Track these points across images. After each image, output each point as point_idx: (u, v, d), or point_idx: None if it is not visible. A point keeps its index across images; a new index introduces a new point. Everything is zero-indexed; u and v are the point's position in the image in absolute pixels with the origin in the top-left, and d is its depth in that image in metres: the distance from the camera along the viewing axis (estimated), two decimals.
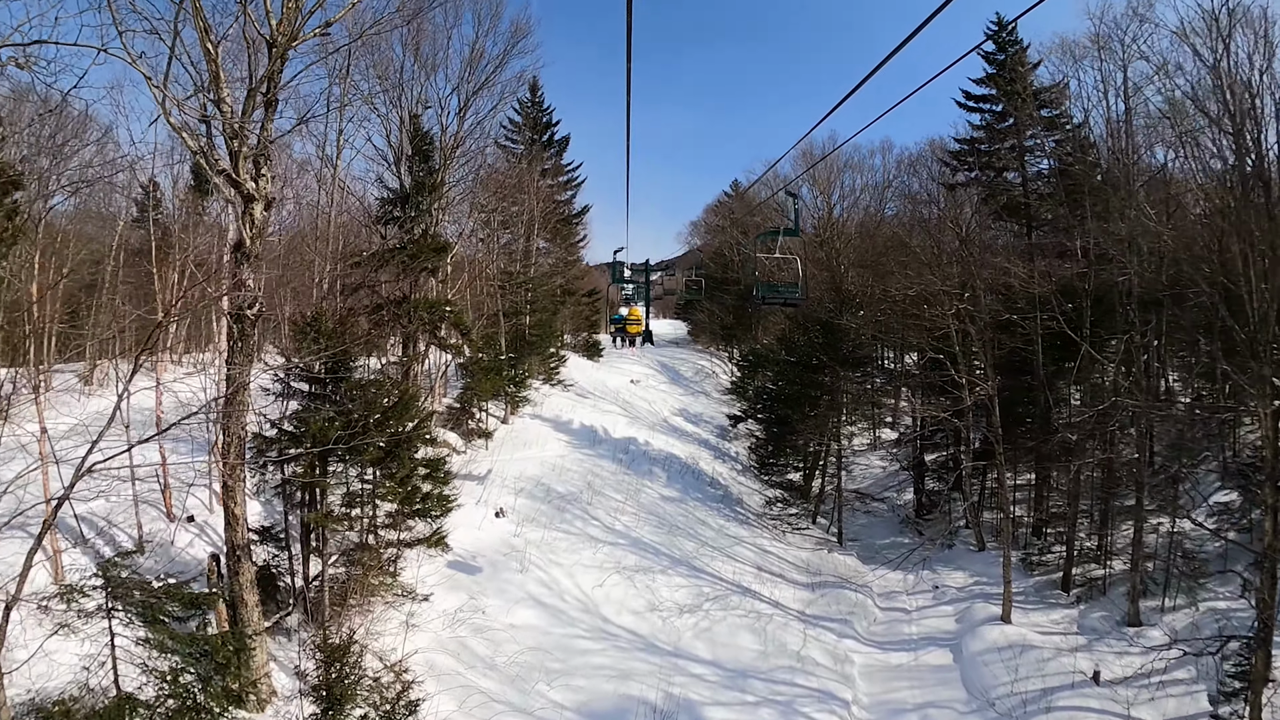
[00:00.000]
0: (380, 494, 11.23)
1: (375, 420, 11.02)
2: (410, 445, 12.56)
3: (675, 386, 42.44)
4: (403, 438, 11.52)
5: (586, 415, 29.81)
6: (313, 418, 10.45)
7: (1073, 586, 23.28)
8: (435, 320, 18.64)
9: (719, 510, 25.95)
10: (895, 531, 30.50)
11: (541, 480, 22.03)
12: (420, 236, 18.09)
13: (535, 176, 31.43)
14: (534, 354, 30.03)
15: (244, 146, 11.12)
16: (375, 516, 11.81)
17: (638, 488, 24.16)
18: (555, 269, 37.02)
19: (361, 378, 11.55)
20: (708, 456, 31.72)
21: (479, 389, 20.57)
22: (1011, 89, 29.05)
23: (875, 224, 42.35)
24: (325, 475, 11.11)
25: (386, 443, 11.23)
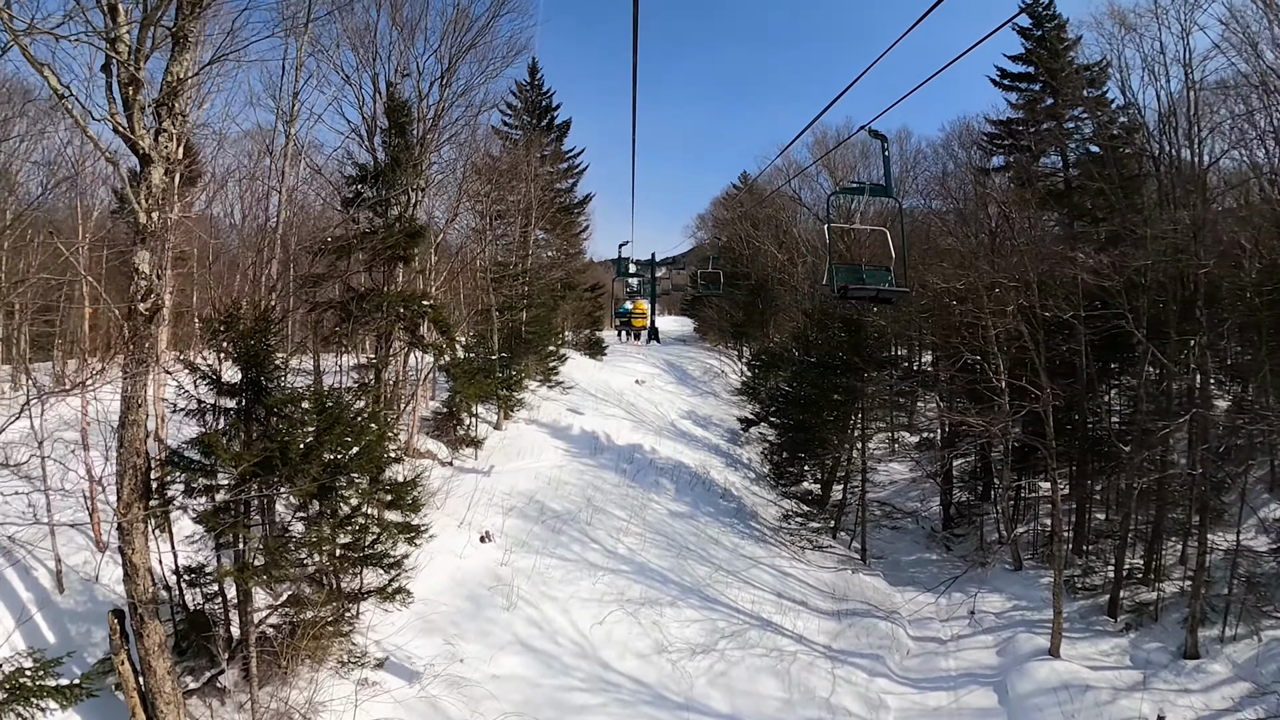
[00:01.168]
0: (309, 541, 8.85)
1: (302, 448, 8.64)
2: (358, 471, 10.14)
3: (683, 387, 39.97)
4: (342, 466, 9.11)
5: (587, 420, 27.41)
6: (218, 442, 8.11)
7: (1120, 612, 20.87)
8: (413, 316, 16.23)
9: (732, 526, 23.52)
10: (922, 546, 28.11)
11: (535, 496, 19.62)
12: (393, 220, 15.69)
13: (533, 161, 28.97)
14: (531, 353, 27.64)
15: (140, 94, 8.70)
16: (316, 563, 9.40)
17: (643, 503, 21.73)
18: (555, 262, 34.61)
19: (295, 390, 9.15)
20: (719, 464, 29.29)
21: (463, 394, 18.13)
22: (1053, 65, 26.53)
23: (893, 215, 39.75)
24: (246, 515, 8.75)
25: (321, 473, 8.84)
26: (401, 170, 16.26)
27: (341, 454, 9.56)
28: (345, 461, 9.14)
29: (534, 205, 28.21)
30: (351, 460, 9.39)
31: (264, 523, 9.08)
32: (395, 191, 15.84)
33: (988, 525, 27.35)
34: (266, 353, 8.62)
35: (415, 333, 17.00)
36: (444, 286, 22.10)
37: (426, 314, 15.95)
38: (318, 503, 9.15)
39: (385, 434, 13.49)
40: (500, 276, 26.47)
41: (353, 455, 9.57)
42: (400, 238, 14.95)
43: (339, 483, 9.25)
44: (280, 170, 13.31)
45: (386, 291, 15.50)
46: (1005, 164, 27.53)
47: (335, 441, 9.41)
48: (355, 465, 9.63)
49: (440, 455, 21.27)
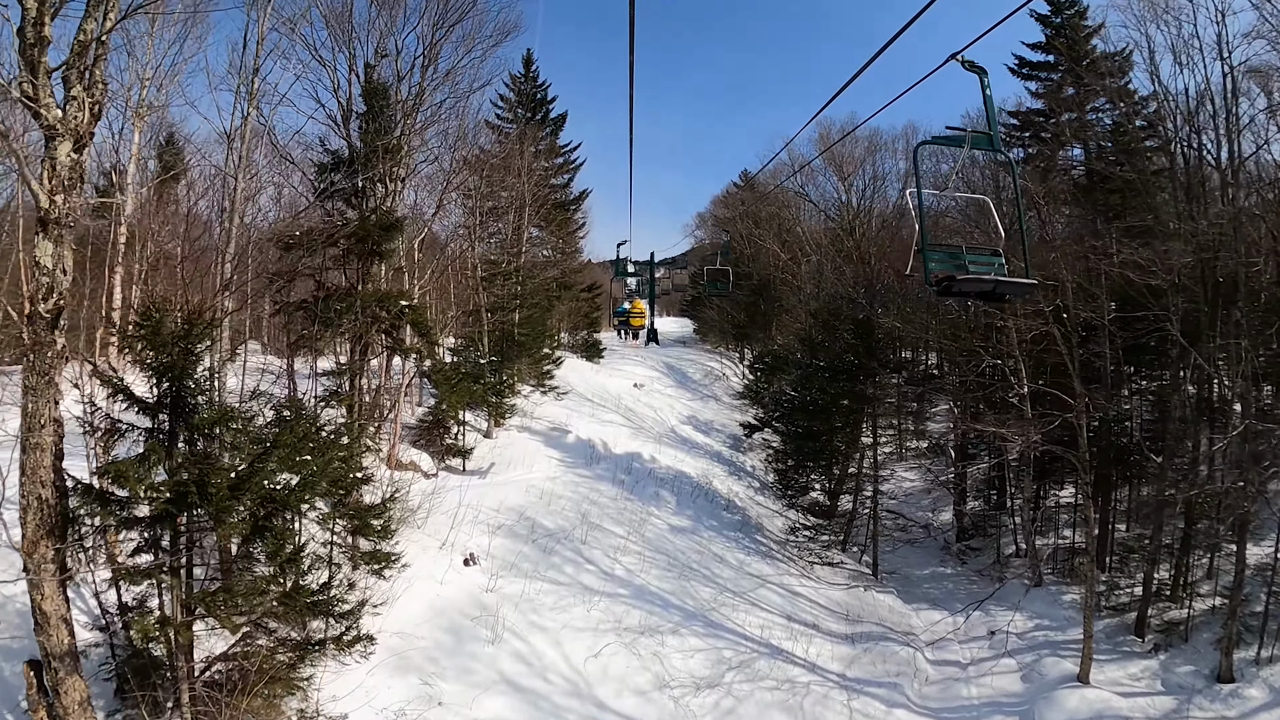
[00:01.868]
0: (240, 592, 7.37)
1: (234, 476, 7.18)
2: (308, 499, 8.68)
3: (683, 390, 38.54)
4: (281, 499, 7.62)
5: (583, 426, 25.96)
6: (130, 472, 6.68)
7: (1148, 631, 19.58)
8: (391, 318, 14.80)
9: (737, 541, 22.08)
10: (935, 559, 26.73)
11: (526, 513, 18.16)
12: (367, 212, 14.26)
13: (526, 154, 27.52)
14: (524, 356, 26.19)
15: (46, 55, 7.28)
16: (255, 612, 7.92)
17: (642, 518, 20.29)
18: (550, 260, 33.18)
19: (227, 408, 7.66)
20: (721, 473, 27.84)
21: (447, 402, 16.66)
22: (1074, 53, 25.16)
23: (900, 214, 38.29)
24: (177, 554, 7.26)
25: (259, 506, 7.36)
26: (377, 158, 14.82)
27: (284, 483, 8.08)
28: (284, 495, 7.66)
29: (527, 200, 26.78)
30: (294, 492, 7.91)
31: (188, 566, 7.60)
32: (371, 175, 14.41)
33: (1004, 537, 26.02)
34: (192, 362, 7.18)
35: (394, 336, 15.54)
36: (429, 286, 20.68)
37: (405, 315, 14.49)
38: (258, 540, 7.71)
39: (353, 451, 12.03)
40: (491, 275, 25.03)
41: (295, 486, 8.07)
42: (374, 231, 13.50)
43: (281, 519, 7.76)
44: (237, 155, 11.88)
45: (360, 291, 14.03)
46: (1026, 157, 26.06)
47: (281, 466, 7.96)
48: (301, 495, 8.17)
49: (424, 467, 19.82)
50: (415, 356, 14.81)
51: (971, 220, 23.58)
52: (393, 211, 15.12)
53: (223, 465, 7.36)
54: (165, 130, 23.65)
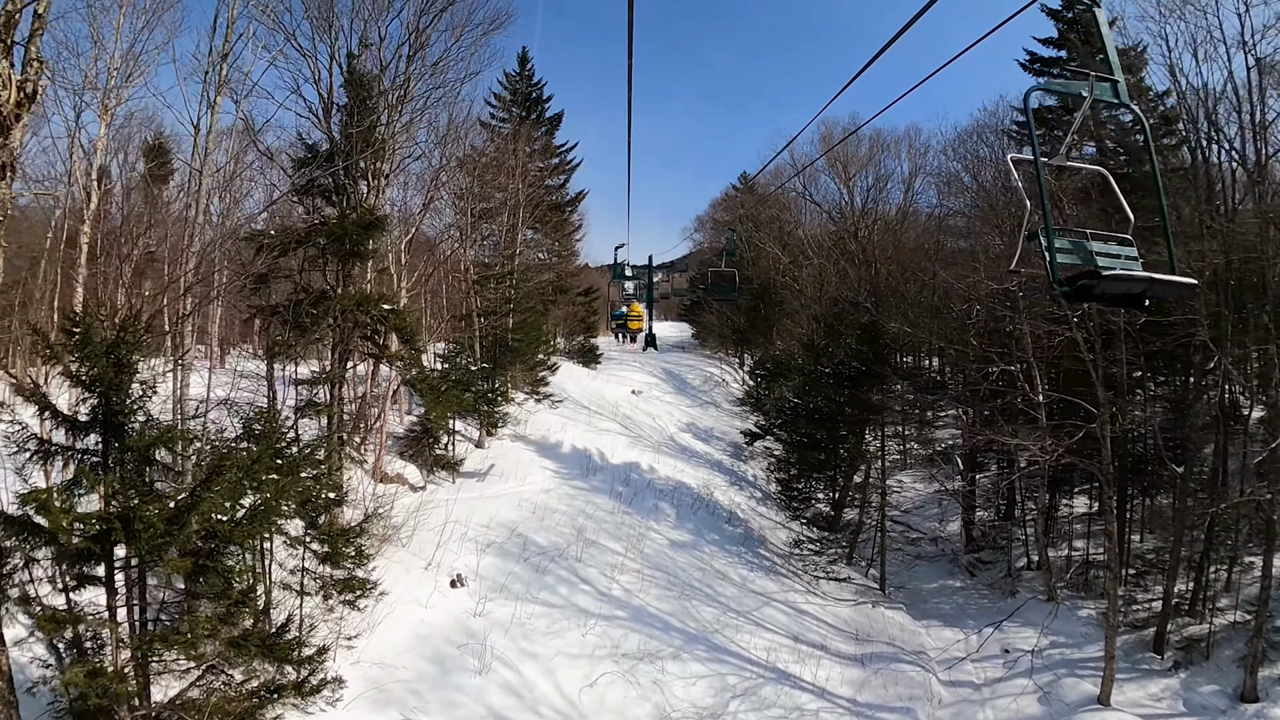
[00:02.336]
0: (178, 639, 6.38)
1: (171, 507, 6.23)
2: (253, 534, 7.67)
3: (682, 397, 37.57)
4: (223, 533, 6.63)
5: (579, 435, 24.99)
6: (54, 500, 5.72)
7: (1167, 648, 18.69)
8: (373, 323, 13.84)
9: (740, 556, 21.09)
10: (943, 572, 25.73)
11: (518, 529, 17.17)
12: (346, 210, 13.32)
13: (521, 153, 26.61)
14: (517, 362, 25.23)
15: None
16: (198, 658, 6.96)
17: (641, 533, 19.30)
18: (546, 264, 32.25)
19: (168, 428, 6.66)
20: (722, 483, 26.86)
21: (433, 413, 15.68)
22: (1089, 47, 24.21)
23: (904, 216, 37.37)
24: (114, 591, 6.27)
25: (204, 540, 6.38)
26: (358, 152, 13.89)
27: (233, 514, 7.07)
28: (228, 530, 6.66)
29: (522, 201, 25.85)
30: (240, 526, 6.91)
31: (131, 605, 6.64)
32: (351, 169, 13.47)
33: (1015, 549, 25.08)
34: (125, 375, 6.21)
35: (376, 342, 14.57)
36: (417, 289, 19.74)
37: (388, 320, 13.53)
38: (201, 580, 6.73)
39: (331, 467, 11.07)
40: (484, 278, 24.09)
41: (243, 519, 7.06)
42: (352, 229, 12.55)
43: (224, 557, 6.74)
44: (203, 148, 10.96)
45: (339, 294, 13.07)
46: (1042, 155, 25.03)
47: (233, 493, 6.97)
48: (253, 528, 7.17)
49: (412, 480, 18.85)
50: (397, 364, 13.83)
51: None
52: (375, 209, 14.16)
53: (164, 493, 6.40)
54: (153, 130, 22.83)
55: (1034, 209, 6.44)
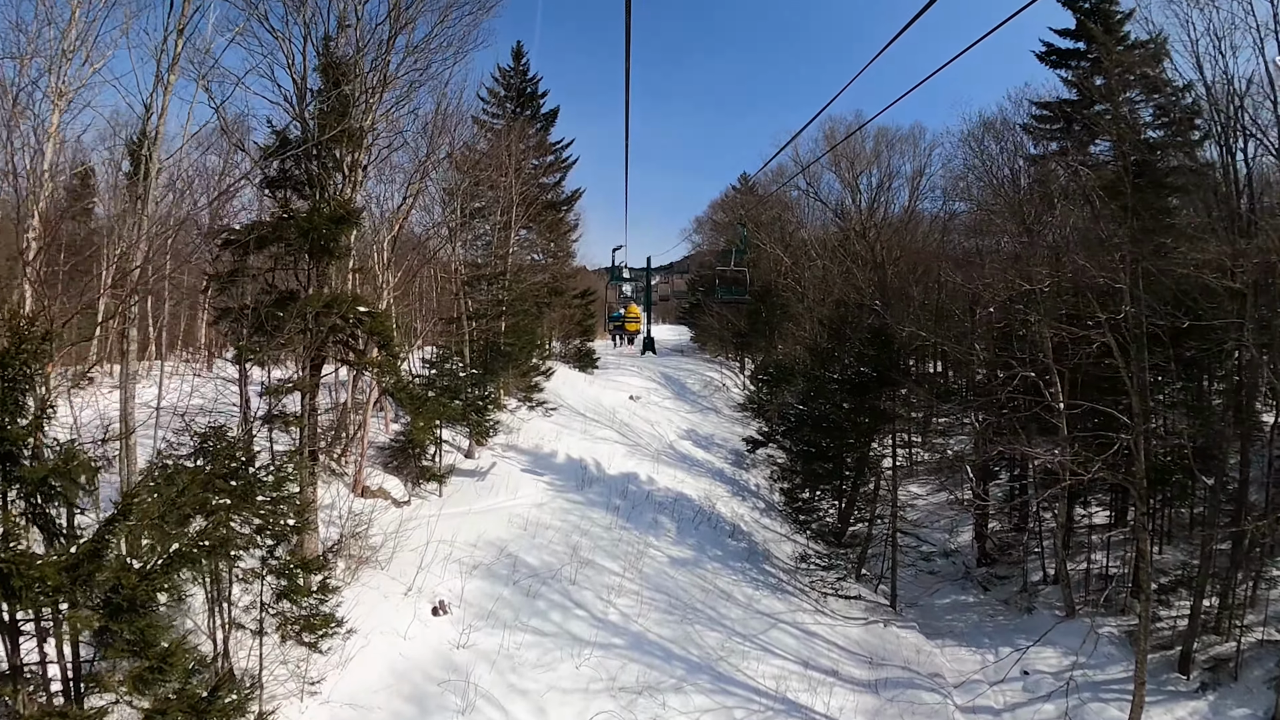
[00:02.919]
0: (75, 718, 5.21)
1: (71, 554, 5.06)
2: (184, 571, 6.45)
3: (681, 402, 36.38)
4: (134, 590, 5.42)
5: (575, 444, 23.80)
6: None
7: (1193, 667, 17.66)
8: (349, 326, 12.66)
9: (745, 573, 19.90)
10: (955, 586, 24.56)
11: (507, 548, 15.96)
12: (321, 203, 12.14)
13: (514, 149, 25.45)
14: (510, 367, 24.03)
15: None
16: None
17: (640, 550, 18.10)
18: (540, 265, 31.08)
19: (75, 454, 5.46)
20: (724, 493, 25.67)
21: (416, 427, 14.44)
22: (1107, 36, 23.20)
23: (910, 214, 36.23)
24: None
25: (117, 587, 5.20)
26: (335, 142, 12.72)
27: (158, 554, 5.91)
28: (134, 584, 5.47)
29: (515, 197, 24.68)
30: (145, 579, 5.68)
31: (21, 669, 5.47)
32: (323, 153, 12.29)
33: (1030, 562, 23.96)
34: (22, 391, 5.07)
35: (353, 347, 13.38)
36: (403, 290, 18.56)
37: (363, 323, 12.35)
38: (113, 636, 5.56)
39: (302, 483, 9.89)
40: (475, 279, 22.90)
41: (163, 565, 5.87)
42: (321, 223, 11.37)
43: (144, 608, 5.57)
44: (153, 131, 9.81)
45: (309, 295, 11.88)
46: (1061, 150, 23.94)
47: (150, 530, 5.81)
48: (170, 571, 5.95)
49: (395, 494, 17.65)
50: (375, 371, 12.63)
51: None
52: (351, 203, 12.97)
53: (77, 534, 5.24)
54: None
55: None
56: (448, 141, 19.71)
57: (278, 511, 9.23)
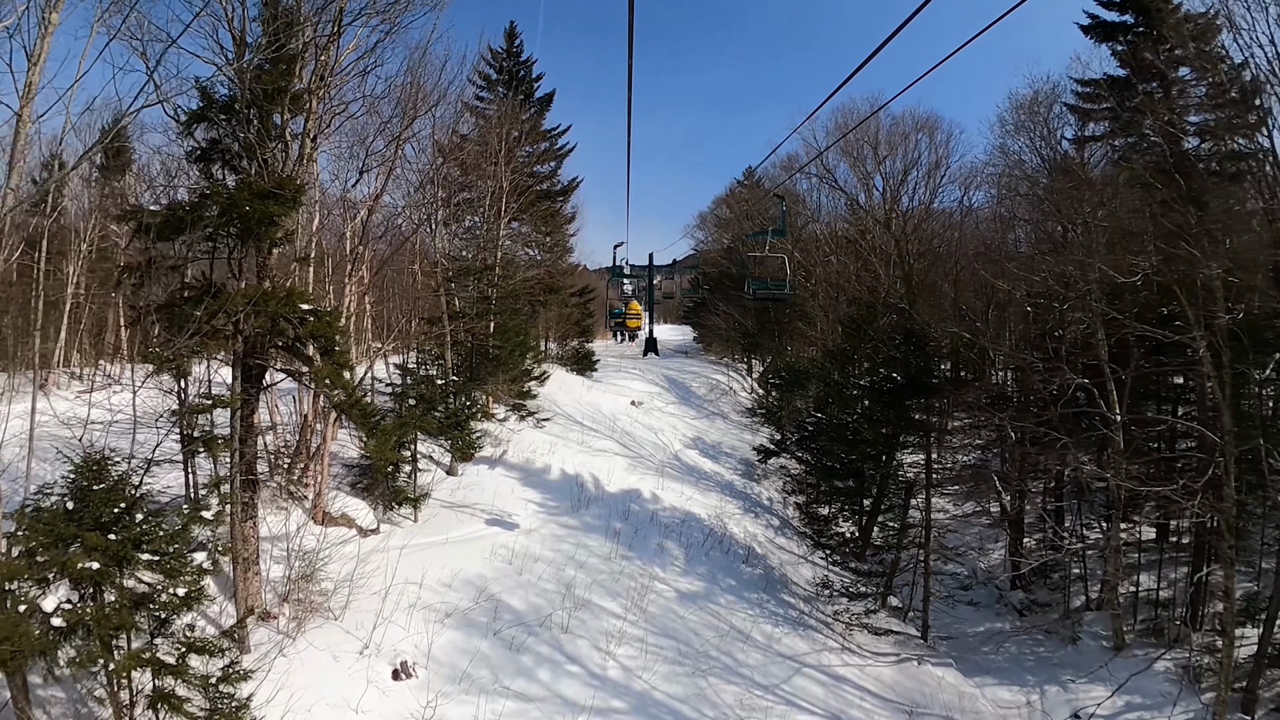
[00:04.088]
0: None
1: None
2: None
3: (686, 408, 34.01)
4: None
5: (571, 458, 21.44)
6: None
7: (1258, 706, 15.51)
8: (294, 328, 10.32)
9: (762, 606, 17.55)
10: (988, 611, 22.24)
11: (489, 588, 13.59)
12: (249, 177, 9.83)
13: (505, 132, 23.11)
14: (500, 372, 21.67)
15: None
16: None
17: (644, 584, 15.74)
18: (534, 260, 28.71)
19: None
20: (735, 510, 23.31)
21: (374, 454, 11.93)
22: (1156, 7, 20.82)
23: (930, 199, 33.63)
24: None
25: None
26: (269, 101, 10.37)
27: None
28: None
29: (505, 185, 22.35)
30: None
31: None
32: (267, 137, 9.97)
33: (1071, 585, 21.69)
34: None
35: (299, 353, 11.03)
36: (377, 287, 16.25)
37: (305, 323, 10.02)
38: None
39: (179, 557, 7.56)
40: (462, 273, 20.53)
41: None
42: (245, 199, 9.05)
43: None
44: (25, 84, 7.55)
45: (233, 290, 9.55)
46: (1108, 132, 21.51)
47: None
48: None
49: (362, 521, 15.31)
50: (319, 382, 10.27)
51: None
52: (296, 178, 10.62)
53: None
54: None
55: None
56: (429, 116, 17.36)
57: (176, 569, 6.94)
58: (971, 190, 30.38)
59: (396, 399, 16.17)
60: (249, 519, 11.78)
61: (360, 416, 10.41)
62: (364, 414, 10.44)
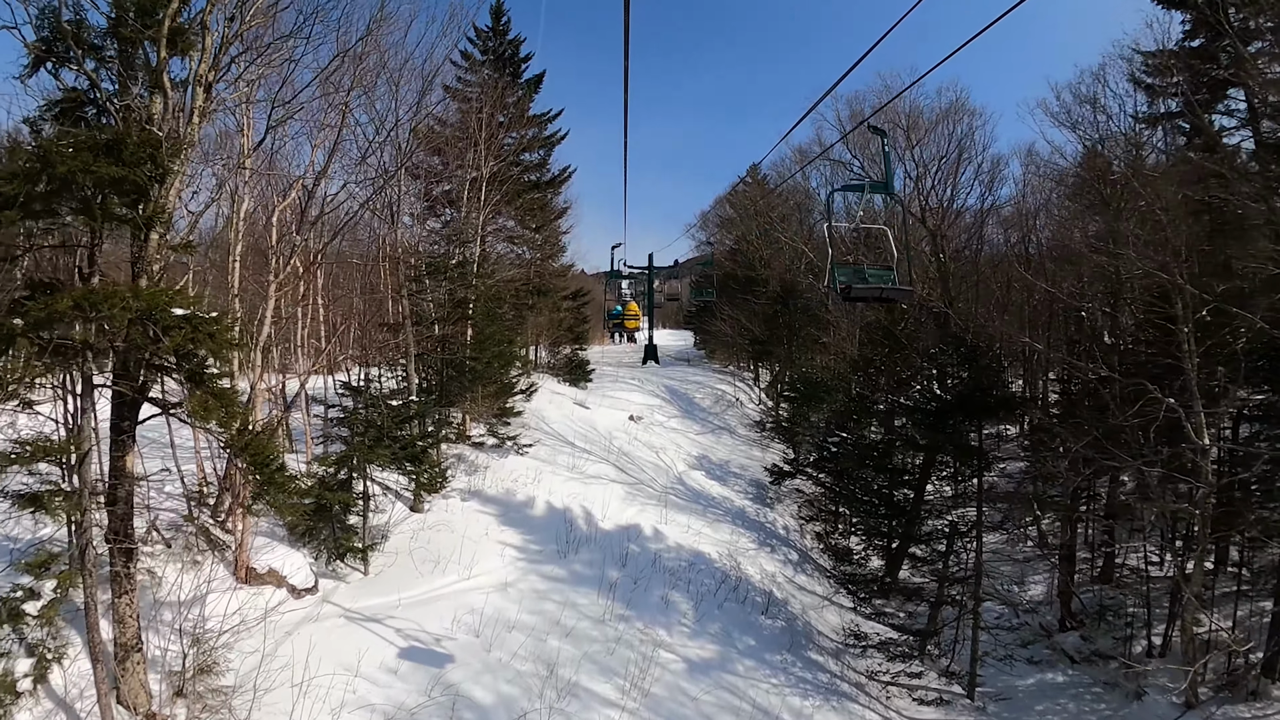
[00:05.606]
0: None
1: None
2: None
3: (690, 421, 30.99)
4: None
5: (559, 488, 18.40)
6: None
7: None
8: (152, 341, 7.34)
9: (787, 670, 14.54)
10: (1038, 658, 19.27)
11: (446, 675, 10.52)
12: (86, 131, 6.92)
13: (485, 110, 20.16)
14: (478, 385, 18.70)
15: None
16: None
17: (646, 654, 12.69)
18: (521, 260, 25.73)
19: None
20: (749, 544, 20.29)
21: (272, 505, 8.71)
22: None
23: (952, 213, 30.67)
24: None
25: None
26: (135, 33, 7.41)
27: None
28: None
29: (485, 171, 19.39)
30: None
31: None
32: (118, 45, 7.04)
33: (1133, 624, 18.83)
34: None
35: (186, 371, 8.01)
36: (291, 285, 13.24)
37: (175, 332, 7.08)
38: None
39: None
40: (431, 270, 17.55)
41: None
42: (81, 164, 6.15)
43: None
44: None
45: (83, 286, 6.60)
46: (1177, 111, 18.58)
47: None
48: None
49: (295, 578, 12.28)
50: (193, 415, 7.28)
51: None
52: (153, 132, 7.65)
53: None
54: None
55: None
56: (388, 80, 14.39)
57: None
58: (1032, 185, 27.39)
59: (342, 422, 13.17)
60: (124, 594, 8.82)
61: (253, 462, 7.45)
62: (257, 459, 7.47)
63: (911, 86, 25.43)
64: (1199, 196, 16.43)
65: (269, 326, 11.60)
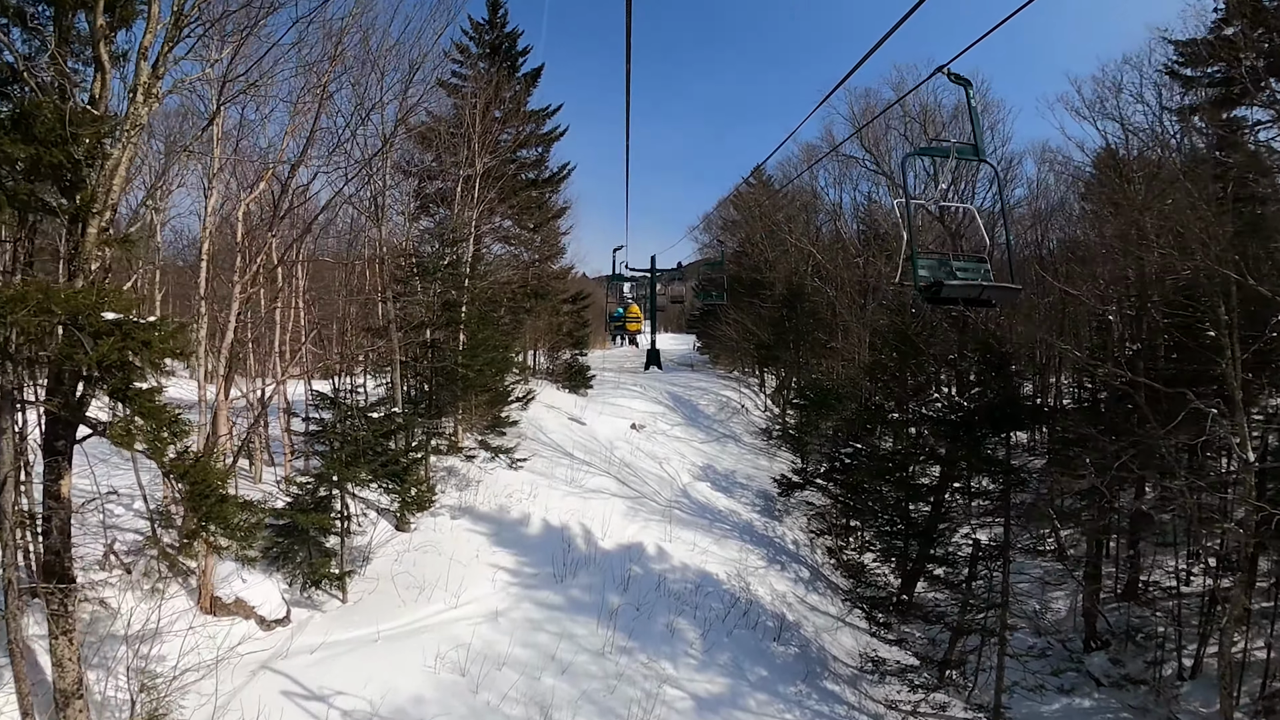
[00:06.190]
0: None
1: None
2: None
3: (694, 429, 29.85)
4: None
5: (557, 503, 17.28)
6: None
7: None
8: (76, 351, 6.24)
9: (803, 706, 13.41)
10: (1062, 680, 18.17)
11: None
12: None
13: (479, 101, 19.11)
14: (471, 394, 17.62)
15: None
16: None
17: (651, 692, 11.57)
18: (518, 261, 24.63)
19: None
20: (759, 562, 19.16)
21: (235, 548, 7.52)
22: None
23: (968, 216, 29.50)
24: None
25: None
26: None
27: None
28: None
29: (478, 166, 18.33)
30: None
31: None
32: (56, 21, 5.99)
33: (1162, 642, 17.79)
34: None
35: (117, 390, 6.90)
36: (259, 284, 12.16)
37: (101, 339, 6.00)
38: None
39: None
40: (421, 270, 16.47)
41: None
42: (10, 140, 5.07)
43: None
44: None
45: None
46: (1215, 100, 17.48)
47: None
48: None
49: (264, 609, 11.17)
50: (117, 438, 6.19)
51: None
52: (80, 108, 6.57)
53: None
54: None
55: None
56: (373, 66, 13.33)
57: None
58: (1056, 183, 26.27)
59: (316, 437, 12.08)
60: (63, 634, 7.72)
61: (190, 497, 6.35)
62: (196, 494, 6.38)
63: (928, 79, 24.20)
64: (1235, 192, 15.40)
65: (232, 333, 10.52)
